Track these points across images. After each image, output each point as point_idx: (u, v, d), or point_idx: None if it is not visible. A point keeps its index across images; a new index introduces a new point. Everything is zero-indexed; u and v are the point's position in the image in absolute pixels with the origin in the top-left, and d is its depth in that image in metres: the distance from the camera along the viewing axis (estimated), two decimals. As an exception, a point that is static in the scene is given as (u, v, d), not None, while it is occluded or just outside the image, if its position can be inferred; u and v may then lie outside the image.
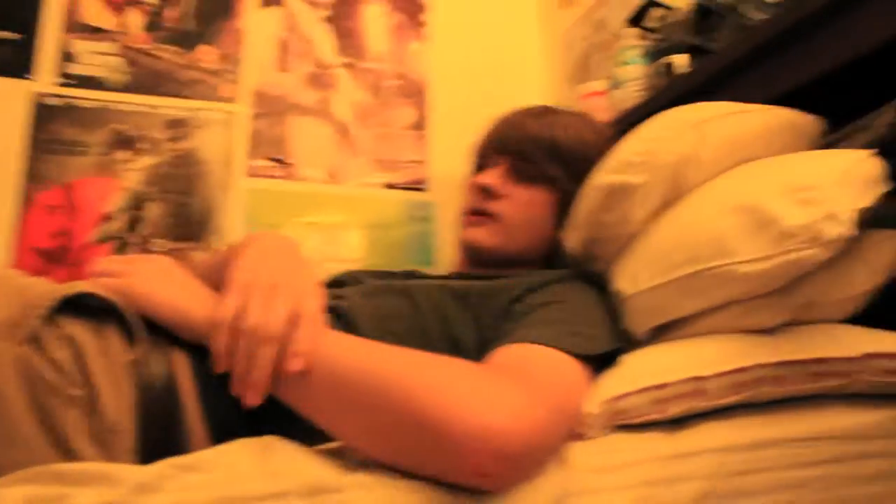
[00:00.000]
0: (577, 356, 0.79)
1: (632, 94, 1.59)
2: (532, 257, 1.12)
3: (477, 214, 1.13)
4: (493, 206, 1.11)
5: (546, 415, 0.67)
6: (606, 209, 1.00)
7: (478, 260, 1.13)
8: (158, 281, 0.78)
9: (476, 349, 0.87)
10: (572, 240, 1.08)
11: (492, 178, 1.12)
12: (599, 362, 0.82)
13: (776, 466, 0.73)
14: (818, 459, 0.74)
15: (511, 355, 0.77)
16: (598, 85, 1.81)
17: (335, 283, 1.14)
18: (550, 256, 1.14)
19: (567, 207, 1.09)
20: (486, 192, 1.12)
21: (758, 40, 1.17)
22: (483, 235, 1.11)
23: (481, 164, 1.20)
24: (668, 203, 0.98)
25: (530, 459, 0.65)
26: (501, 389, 0.67)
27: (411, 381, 0.66)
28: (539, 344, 0.78)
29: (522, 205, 1.12)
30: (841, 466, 0.75)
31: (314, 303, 0.74)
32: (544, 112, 1.18)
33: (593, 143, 1.13)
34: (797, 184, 0.80)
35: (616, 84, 1.66)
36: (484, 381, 0.68)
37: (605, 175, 1.00)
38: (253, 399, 0.70)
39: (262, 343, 0.69)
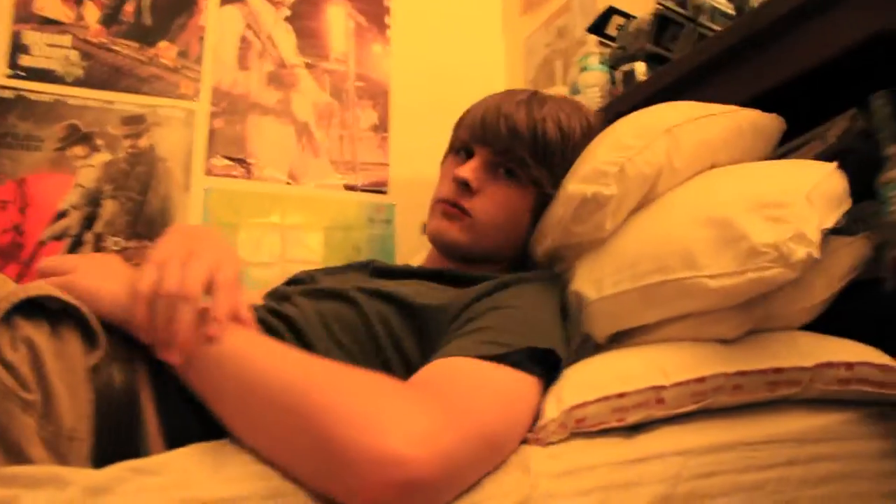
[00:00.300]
0: (509, 362, 0.74)
1: (592, 100, 1.59)
2: (502, 256, 1.09)
3: (451, 206, 1.08)
4: (469, 203, 1.05)
5: (459, 441, 0.62)
6: (577, 220, 0.98)
7: (446, 252, 1.10)
8: (101, 277, 0.75)
9: (419, 360, 0.84)
10: (540, 245, 1.07)
11: (471, 171, 1.06)
12: (547, 366, 0.79)
13: (733, 469, 0.73)
14: (773, 462, 0.75)
15: (433, 372, 0.72)
16: (559, 90, 1.80)
17: (291, 283, 1.11)
18: (521, 256, 1.12)
19: (544, 210, 1.07)
20: (464, 186, 1.07)
21: (714, 50, 1.18)
22: (454, 231, 1.06)
23: (461, 149, 1.13)
24: (637, 208, 0.98)
25: (435, 491, 0.60)
26: (410, 411, 0.62)
27: (318, 394, 0.63)
28: (465, 356, 0.73)
29: (499, 204, 1.06)
30: (795, 469, 0.75)
31: (231, 270, 0.74)
32: (535, 101, 1.09)
33: (583, 143, 1.08)
34: (767, 199, 0.80)
35: (576, 90, 1.66)
36: (394, 401, 0.64)
37: (577, 185, 0.98)
38: (176, 358, 0.69)
39: (179, 303, 0.69)
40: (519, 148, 1.05)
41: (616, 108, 1.36)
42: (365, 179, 2.39)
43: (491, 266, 1.08)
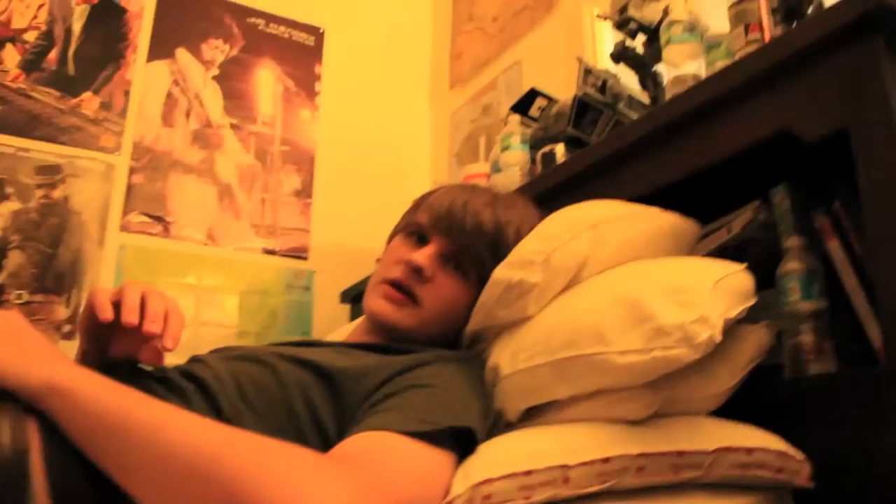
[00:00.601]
0: (430, 440, 0.74)
1: (512, 179, 1.62)
2: (438, 340, 1.09)
3: (398, 291, 1.07)
4: (419, 291, 1.05)
5: None
6: (502, 304, 0.99)
7: (382, 331, 1.08)
8: None
9: (336, 433, 0.83)
10: (468, 326, 1.08)
11: (427, 259, 1.05)
12: (463, 444, 0.79)
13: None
14: (674, 548, 0.75)
15: (352, 445, 0.72)
16: (481, 167, 1.83)
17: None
18: (452, 340, 1.12)
19: None
20: (417, 272, 1.05)
21: (629, 138, 1.23)
22: (398, 317, 1.05)
23: (414, 233, 1.12)
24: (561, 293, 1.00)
25: None
26: (329, 482, 0.62)
27: (231, 461, 0.62)
28: (384, 430, 0.73)
29: (446, 295, 1.06)
30: (696, 554, 0.76)
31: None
32: (501, 204, 1.11)
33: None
34: (676, 286, 0.83)
35: (497, 168, 1.69)
36: (312, 471, 0.63)
37: (503, 270, 1.00)
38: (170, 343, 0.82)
39: (150, 297, 0.83)
40: (480, 247, 1.06)
41: (535, 188, 1.39)
42: (285, 244, 2.36)
43: (422, 346, 1.07)
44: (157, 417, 0.68)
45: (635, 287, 0.87)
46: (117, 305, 0.84)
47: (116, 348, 0.90)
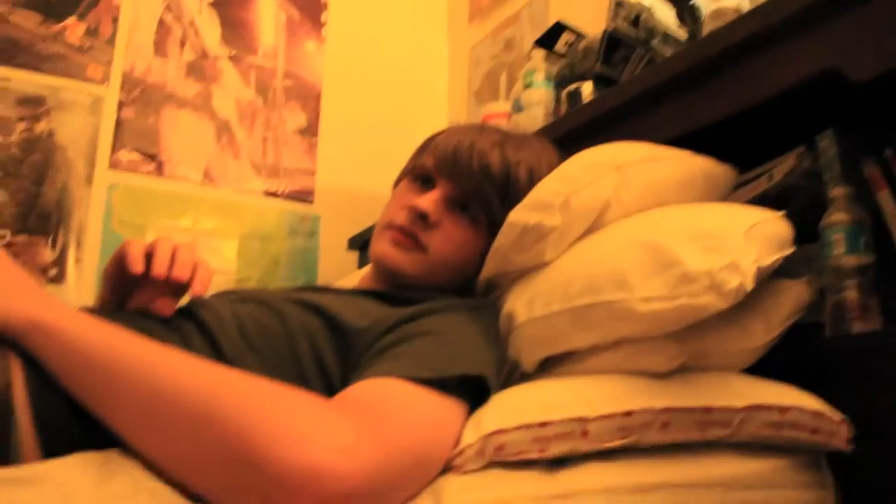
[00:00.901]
0: (439, 387, 0.77)
1: (535, 118, 1.62)
2: (448, 288, 1.12)
3: (405, 236, 1.09)
4: (425, 237, 1.08)
5: (384, 455, 0.65)
6: (518, 249, 1.01)
7: (390, 278, 1.11)
8: None
9: (340, 380, 0.86)
10: (482, 273, 1.10)
11: (432, 204, 1.08)
12: (475, 393, 0.82)
13: (659, 512, 0.75)
14: (700, 507, 0.78)
15: (358, 390, 0.74)
16: (501, 107, 1.83)
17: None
18: (464, 288, 1.14)
19: None
20: (422, 218, 1.08)
21: (663, 76, 1.22)
22: (405, 262, 1.07)
23: (420, 176, 1.15)
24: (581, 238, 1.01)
25: None
26: (332, 425, 0.64)
27: (231, 403, 0.65)
28: (391, 377, 0.75)
29: (454, 243, 1.09)
30: (721, 514, 0.78)
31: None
32: (510, 144, 1.12)
33: None
34: (705, 231, 0.84)
35: (519, 107, 1.69)
36: (315, 414, 0.66)
37: (521, 213, 1.01)
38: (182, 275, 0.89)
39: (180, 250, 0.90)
40: (488, 189, 1.08)
41: (559, 129, 1.40)
42: (288, 186, 2.38)
43: (432, 294, 1.09)
44: (150, 357, 0.71)
45: (661, 232, 0.88)
46: (148, 258, 0.90)
47: (135, 301, 0.94)
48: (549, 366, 0.94)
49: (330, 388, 0.85)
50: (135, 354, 0.71)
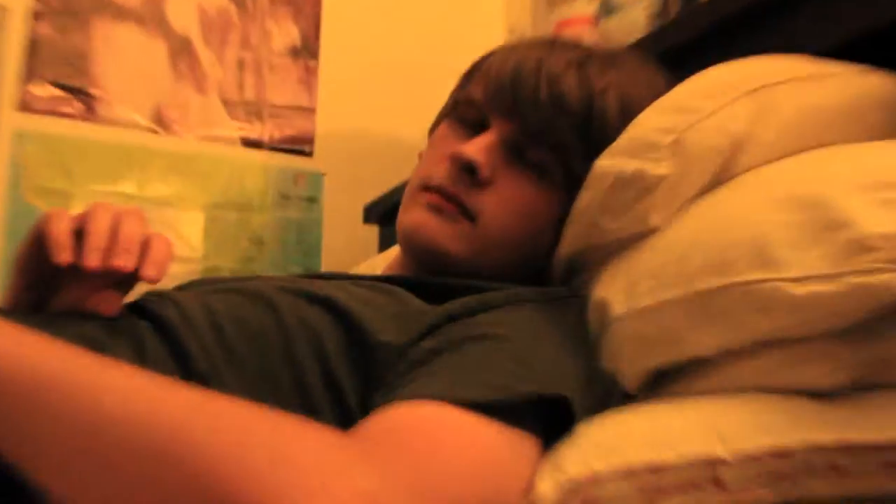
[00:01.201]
0: (502, 414, 0.76)
1: (633, 23, 1.64)
2: (511, 273, 1.11)
3: (447, 200, 1.10)
4: (474, 201, 1.09)
5: None
6: (609, 210, 1.01)
7: (426, 264, 1.11)
8: None
9: (359, 404, 0.86)
10: (559, 250, 1.11)
11: (483, 152, 1.08)
12: (552, 421, 0.81)
13: None
14: None
15: (386, 420, 0.75)
16: (583, 8, 1.84)
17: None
18: (539, 272, 1.15)
19: None
20: (469, 172, 1.08)
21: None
22: (446, 237, 1.07)
23: (465, 116, 1.16)
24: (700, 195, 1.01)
25: None
26: (350, 471, 0.65)
27: (202, 441, 0.65)
28: (434, 401, 0.76)
29: (517, 205, 1.10)
30: None
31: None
32: (594, 62, 1.12)
33: None
34: (882, 177, 0.82)
35: (609, 8, 1.71)
36: (326, 455, 0.66)
37: (613, 159, 1.01)
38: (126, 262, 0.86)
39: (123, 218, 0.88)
40: (564, 129, 1.09)
41: (667, 40, 1.42)
42: (277, 132, 2.40)
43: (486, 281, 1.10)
44: (89, 375, 0.72)
45: (820, 181, 0.87)
46: (78, 236, 0.89)
47: (64, 297, 0.95)
48: (662, 381, 0.94)
49: (344, 412, 0.86)
50: (67, 374, 0.71)
